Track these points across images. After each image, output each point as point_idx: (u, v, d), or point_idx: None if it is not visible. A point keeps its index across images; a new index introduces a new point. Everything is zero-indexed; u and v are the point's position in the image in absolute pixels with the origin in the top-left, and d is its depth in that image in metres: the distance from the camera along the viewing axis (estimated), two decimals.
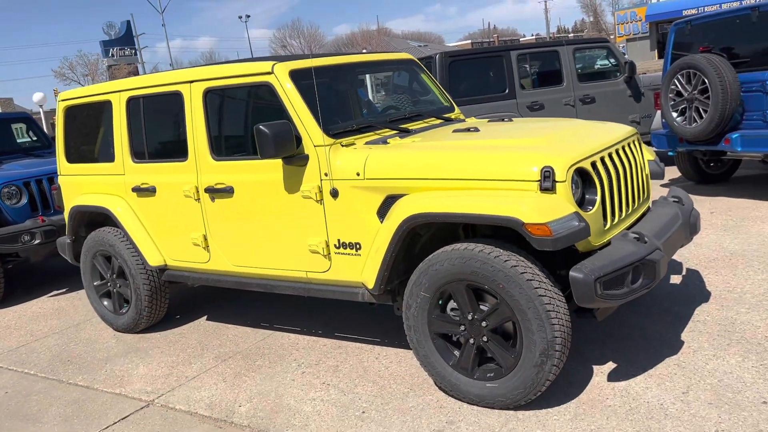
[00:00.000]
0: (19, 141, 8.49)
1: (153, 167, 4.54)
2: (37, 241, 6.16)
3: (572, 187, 3.10)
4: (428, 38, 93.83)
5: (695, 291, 4.38)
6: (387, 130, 4.03)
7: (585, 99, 8.25)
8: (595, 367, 3.55)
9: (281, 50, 72.36)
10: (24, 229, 6.13)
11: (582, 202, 3.20)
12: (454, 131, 3.89)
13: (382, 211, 3.54)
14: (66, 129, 5.18)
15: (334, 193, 3.67)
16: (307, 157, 3.73)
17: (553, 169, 3.04)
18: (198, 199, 4.29)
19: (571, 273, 2.94)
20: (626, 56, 8.61)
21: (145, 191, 4.59)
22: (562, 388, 3.35)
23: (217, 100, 4.17)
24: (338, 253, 3.76)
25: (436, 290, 3.28)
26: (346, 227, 3.69)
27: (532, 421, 3.12)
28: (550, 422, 3.09)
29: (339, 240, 3.73)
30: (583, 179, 3.22)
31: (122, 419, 3.69)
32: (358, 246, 3.67)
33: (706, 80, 6.23)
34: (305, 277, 3.96)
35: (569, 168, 3.09)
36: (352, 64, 4.42)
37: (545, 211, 2.94)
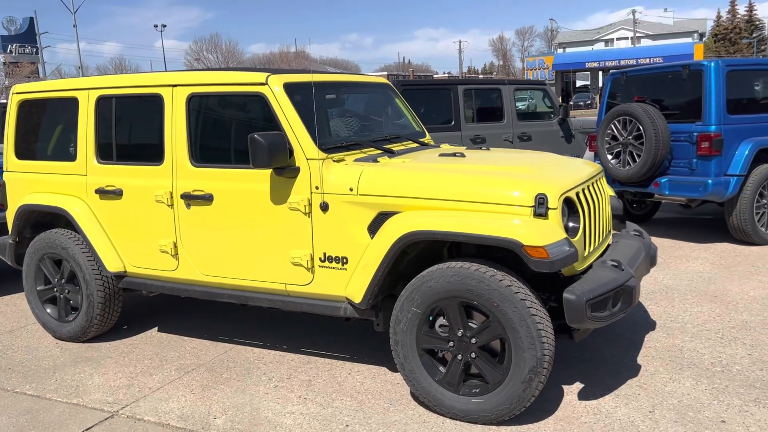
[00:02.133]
0: None
1: (121, 170, 4.38)
2: None
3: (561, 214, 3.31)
4: (345, 66, 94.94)
5: (642, 320, 4.71)
6: (372, 149, 4.12)
7: (522, 136, 8.69)
8: (565, 387, 3.74)
9: (195, 63, 70.92)
10: None
11: (566, 230, 3.41)
12: (441, 155, 4.04)
13: (373, 228, 3.61)
14: (18, 123, 4.90)
15: (324, 207, 3.71)
16: (298, 170, 3.75)
17: (546, 197, 3.24)
18: (171, 205, 4.18)
19: (565, 295, 3.12)
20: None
21: (109, 194, 4.42)
22: (539, 405, 3.51)
23: (201, 106, 4.11)
24: (323, 266, 3.78)
25: (427, 306, 3.38)
26: (333, 241, 3.72)
27: None
28: None
29: (325, 253, 3.76)
30: (568, 208, 3.44)
31: (86, 430, 3.50)
32: (344, 260, 3.71)
33: (641, 127, 6.76)
34: (284, 290, 3.94)
35: (560, 196, 3.30)
36: (338, 83, 4.49)
37: (542, 235, 3.12)
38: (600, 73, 54.16)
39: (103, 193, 4.45)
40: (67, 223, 4.85)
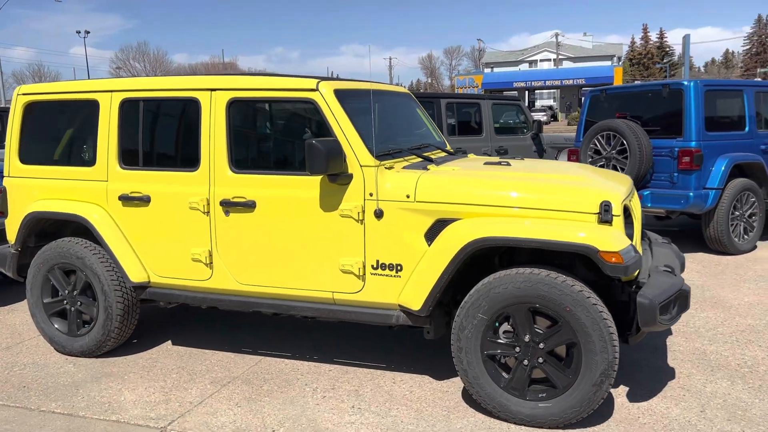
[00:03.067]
0: None
1: (148, 175, 4.20)
2: None
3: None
4: None
5: None
6: (413, 156, 4.13)
7: (500, 150, 8.90)
8: (612, 390, 3.84)
9: (119, 71, 68.66)
10: None
11: None
12: (486, 164, 4.10)
13: (430, 235, 3.62)
14: (24, 126, 4.62)
15: (379, 214, 3.68)
16: (350, 176, 3.72)
17: (611, 204, 3.35)
18: (207, 213, 4.05)
19: (639, 299, 3.22)
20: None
21: (135, 200, 4.22)
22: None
23: (243, 111, 4.01)
24: (375, 274, 3.74)
25: (494, 312, 3.40)
26: (387, 248, 3.70)
27: None
28: None
29: (378, 261, 3.73)
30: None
31: None
32: (399, 267, 3.69)
33: (624, 142, 7.06)
34: (330, 298, 3.87)
35: (622, 203, 3.42)
36: (374, 91, 4.48)
37: (615, 241, 3.22)
38: (527, 92, 56.07)
39: (128, 199, 4.25)
40: (76, 232, 4.61)
